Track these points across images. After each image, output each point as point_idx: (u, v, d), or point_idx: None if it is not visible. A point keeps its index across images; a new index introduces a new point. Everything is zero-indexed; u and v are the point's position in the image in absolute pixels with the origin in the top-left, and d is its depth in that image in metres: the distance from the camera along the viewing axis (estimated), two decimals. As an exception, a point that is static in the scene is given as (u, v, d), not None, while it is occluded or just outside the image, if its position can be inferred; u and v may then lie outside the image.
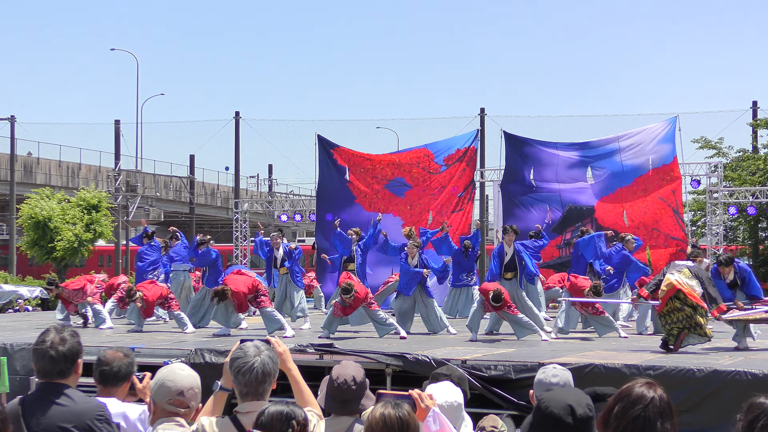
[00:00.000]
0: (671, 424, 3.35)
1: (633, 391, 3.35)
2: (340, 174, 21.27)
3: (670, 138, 20.68)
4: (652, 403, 3.31)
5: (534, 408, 3.41)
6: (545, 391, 4.55)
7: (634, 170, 20.47)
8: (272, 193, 49.97)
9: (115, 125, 43.83)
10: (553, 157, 21.20)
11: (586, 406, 3.32)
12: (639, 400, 3.31)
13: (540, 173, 21.22)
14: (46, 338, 4.22)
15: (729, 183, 29.11)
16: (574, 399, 3.34)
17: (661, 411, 3.31)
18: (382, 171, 21.22)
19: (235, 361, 3.93)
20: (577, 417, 3.28)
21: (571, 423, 3.27)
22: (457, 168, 21.60)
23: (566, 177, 20.92)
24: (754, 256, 32.34)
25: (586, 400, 3.37)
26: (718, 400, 9.16)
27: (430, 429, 4.04)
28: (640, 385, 3.38)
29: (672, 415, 3.37)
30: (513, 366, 10.06)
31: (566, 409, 3.28)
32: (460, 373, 5.28)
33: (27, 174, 45.72)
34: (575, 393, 3.44)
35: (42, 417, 4.06)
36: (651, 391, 3.34)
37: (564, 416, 3.27)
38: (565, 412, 3.28)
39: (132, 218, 40.72)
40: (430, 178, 21.41)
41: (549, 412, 3.29)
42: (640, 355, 10.98)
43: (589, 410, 3.33)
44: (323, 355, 10.81)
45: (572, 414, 3.28)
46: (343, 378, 4.29)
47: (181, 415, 4.07)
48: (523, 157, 21.41)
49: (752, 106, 34.33)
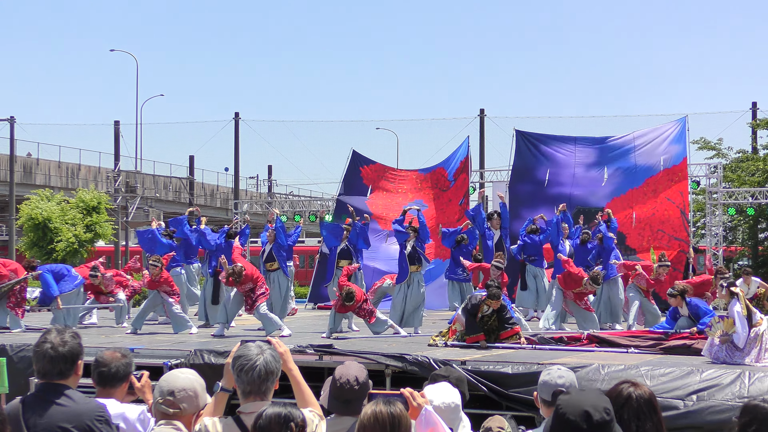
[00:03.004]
0: (656, 415, 3.38)
1: (616, 391, 3.38)
2: (361, 192, 21.41)
3: (680, 138, 20.59)
4: (628, 404, 3.34)
5: (553, 412, 3.40)
6: (549, 392, 4.55)
7: (646, 170, 20.35)
8: (272, 194, 50.00)
9: (115, 126, 43.84)
10: (570, 156, 21.01)
11: (603, 411, 3.30)
12: (619, 399, 3.34)
13: (556, 174, 21.02)
14: (47, 339, 4.23)
15: (728, 184, 29.10)
16: (591, 404, 3.32)
17: (636, 412, 3.34)
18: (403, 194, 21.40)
19: (237, 360, 3.94)
20: (594, 423, 3.26)
21: (587, 428, 3.26)
22: (460, 180, 21.70)
23: (584, 179, 20.76)
24: (754, 257, 32.33)
25: (604, 404, 3.35)
26: (717, 400, 9.19)
27: (422, 427, 4.05)
28: (625, 383, 3.42)
29: (656, 409, 3.39)
30: (512, 366, 10.08)
31: (582, 415, 3.27)
32: (458, 374, 5.28)
33: (26, 175, 45.72)
34: (593, 397, 3.40)
35: (42, 417, 4.07)
36: (632, 389, 3.38)
37: (580, 422, 3.26)
38: (581, 418, 3.27)
39: (131, 219, 40.72)
40: (442, 195, 21.56)
41: (565, 418, 3.29)
42: (640, 355, 10.99)
43: (606, 414, 3.30)
44: (323, 356, 10.82)
45: (588, 420, 3.26)
46: (345, 378, 4.30)
47: (171, 416, 4.08)
48: (538, 157, 21.22)
49: (752, 107, 34.34)
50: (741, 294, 10.58)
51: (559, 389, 4.49)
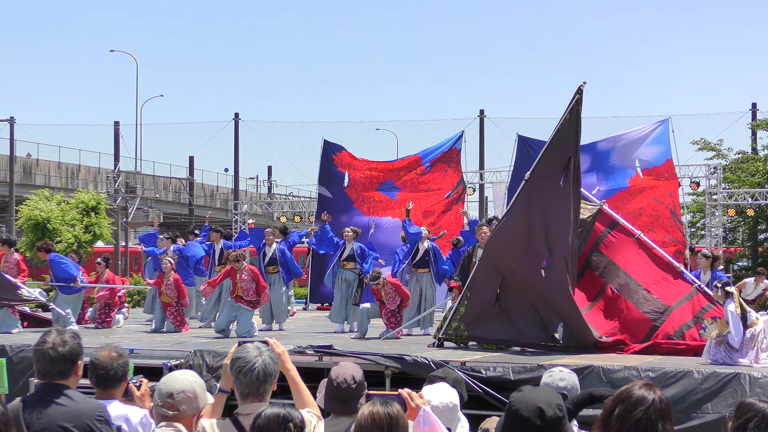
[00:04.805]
0: (670, 425, 3.37)
1: (633, 393, 3.36)
2: (338, 181, 21.29)
3: (661, 139, 20.56)
4: (653, 405, 3.32)
5: (506, 409, 3.40)
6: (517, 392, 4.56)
7: (624, 172, 20.40)
8: (272, 195, 49.99)
9: (115, 127, 43.85)
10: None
11: (556, 407, 3.30)
12: (640, 401, 3.32)
13: None
14: (47, 339, 4.23)
15: (728, 185, 29.11)
16: (544, 400, 3.32)
17: (661, 412, 3.33)
18: (376, 175, 21.27)
19: (236, 362, 3.93)
20: (546, 419, 3.27)
21: (540, 425, 3.25)
22: (439, 169, 21.46)
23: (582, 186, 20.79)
24: (753, 258, 32.34)
25: (557, 400, 3.35)
26: (717, 401, 9.20)
27: (420, 428, 4.04)
28: (640, 386, 3.39)
29: (671, 417, 3.39)
30: (512, 367, 10.08)
31: (535, 411, 3.27)
32: (455, 376, 5.27)
33: (26, 175, 45.69)
34: (546, 394, 3.41)
35: (42, 417, 4.07)
36: (651, 392, 3.36)
37: (533, 418, 3.26)
38: (534, 414, 3.27)
39: (131, 220, 40.70)
40: (417, 179, 21.39)
41: (518, 415, 3.28)
42: (639, 357, 10.99)
43: (559, 411, 3.31)
44: (322, 356, 10.82)
45: (541, 416, 3.26)
46: (342, 378, 4.31)
47: (171, 419, 4.08)
48: None
49: (751, 107, 34.39)
50: (736, 293, 10.56)
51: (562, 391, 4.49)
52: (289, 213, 32.15)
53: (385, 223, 20.02)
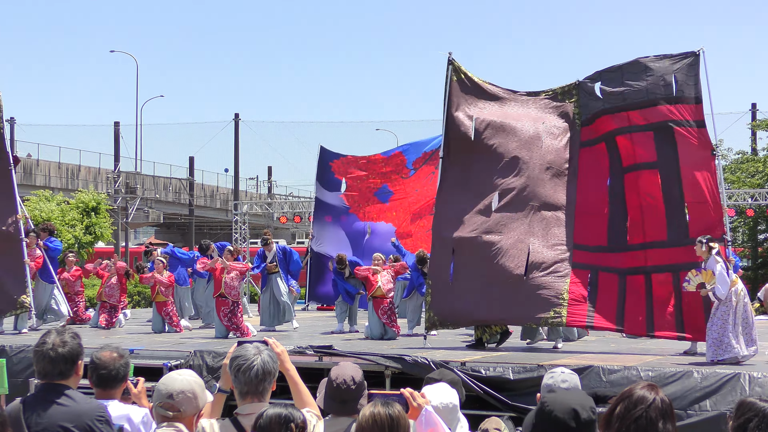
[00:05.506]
0: (672, 425, 3.38)
1: (635, 393, 3.38)
2: (335, 187, 21.29)
3: None
4: (654, 404, 3.34)
5: (536, 409, 3.41)
6: (549, 392, 4.55)
7: None
8: (272, 195, 50.05)
9: (115, 127, 43.88)
10: None
11: (589, 410, 3.33)
12: (641, 401, 3.34)
13: None
14: (47, 339, 4.23)
15: (728, 185, 29.11)
16: (578, 402, 3.34)
17: (662, 412, 3.34)
18: (373, 180, 21.25)
19: (235, 360, 3.93)
20: (581, 421, 3.29)
21: (575, 426, 3.28)
22: (425, 171, 21.17)
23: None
24: (753, 258, 32.33)
25: (590, 403, 3.37)
26: (716, 399, 9.21)
27: (423, 428, 4.04)
28: (642, 387, 3.41)
29: (672, 417, 3.40)
30: (512, 368, 10.08)
31: (570, 413, 3.29)
32: (452, 377, 5.27)
33: (26, 176, 45.67)
34: (579, 396, 3.44)
35: (42, 417, 4.07)
36: (652, 392, 3.38)
37: (568, 420, 3.28)
38: (569, 416, 3.28)
39: (131, 220, 40.71)
40: (404, 183, 21.29)
41: (553, 416, 3.30)
42: (639, 357, 11.00)
43: (592, 413, 3.33)
44: (322, 356, 10.83)
45: (576, 418, 3.29)
46: (342, 378, 4.31)
47: (170, 419, 4.08)
48: None
49: (751, 108, 34.41)
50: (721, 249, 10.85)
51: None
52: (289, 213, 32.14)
53: (380, 229, 20.09)
